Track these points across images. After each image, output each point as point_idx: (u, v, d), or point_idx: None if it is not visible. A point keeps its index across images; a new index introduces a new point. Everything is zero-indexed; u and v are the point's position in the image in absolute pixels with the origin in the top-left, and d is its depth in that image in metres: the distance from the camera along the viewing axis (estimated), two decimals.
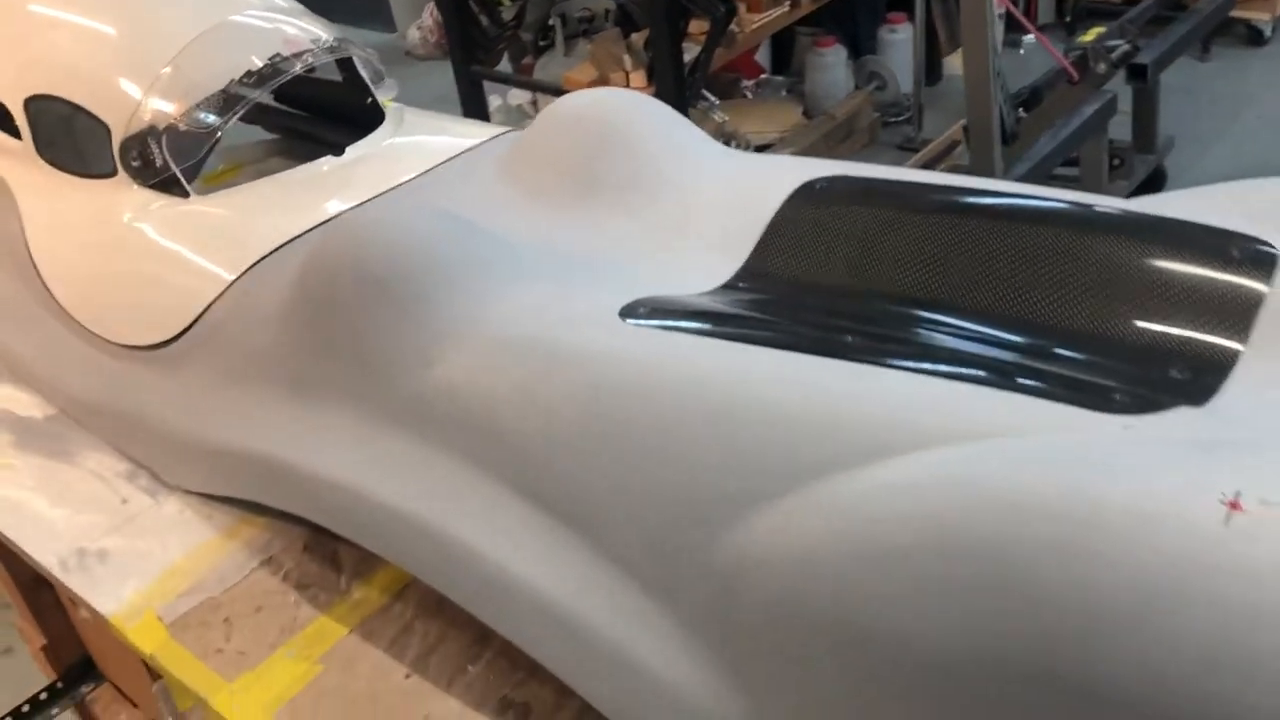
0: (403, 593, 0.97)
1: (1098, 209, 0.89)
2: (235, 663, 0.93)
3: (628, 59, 2.71)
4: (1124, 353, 0.77)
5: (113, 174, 1.25)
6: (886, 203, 0.96)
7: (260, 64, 1.23)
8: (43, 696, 1.69)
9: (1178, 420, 0.69)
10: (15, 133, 1.33)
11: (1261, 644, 0.54)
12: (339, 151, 1.28)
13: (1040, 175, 2.29)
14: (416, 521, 0.88)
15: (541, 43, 3.26)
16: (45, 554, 1.06)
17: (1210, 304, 0.77)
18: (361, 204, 1.16)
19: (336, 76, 1.46)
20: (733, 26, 2.85)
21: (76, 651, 1.67)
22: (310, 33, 1.31)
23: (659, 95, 2.67)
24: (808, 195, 1.01)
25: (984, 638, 0.60)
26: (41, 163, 1.32)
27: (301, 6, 1.40)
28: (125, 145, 1.23)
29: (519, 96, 3.41)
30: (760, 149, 3.15)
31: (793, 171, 1.04)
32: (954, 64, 3.40)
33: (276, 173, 1.27)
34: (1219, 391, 0.73)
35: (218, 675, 0.92)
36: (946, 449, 0.67)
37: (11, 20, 1.36)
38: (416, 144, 1.30)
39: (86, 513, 1.10)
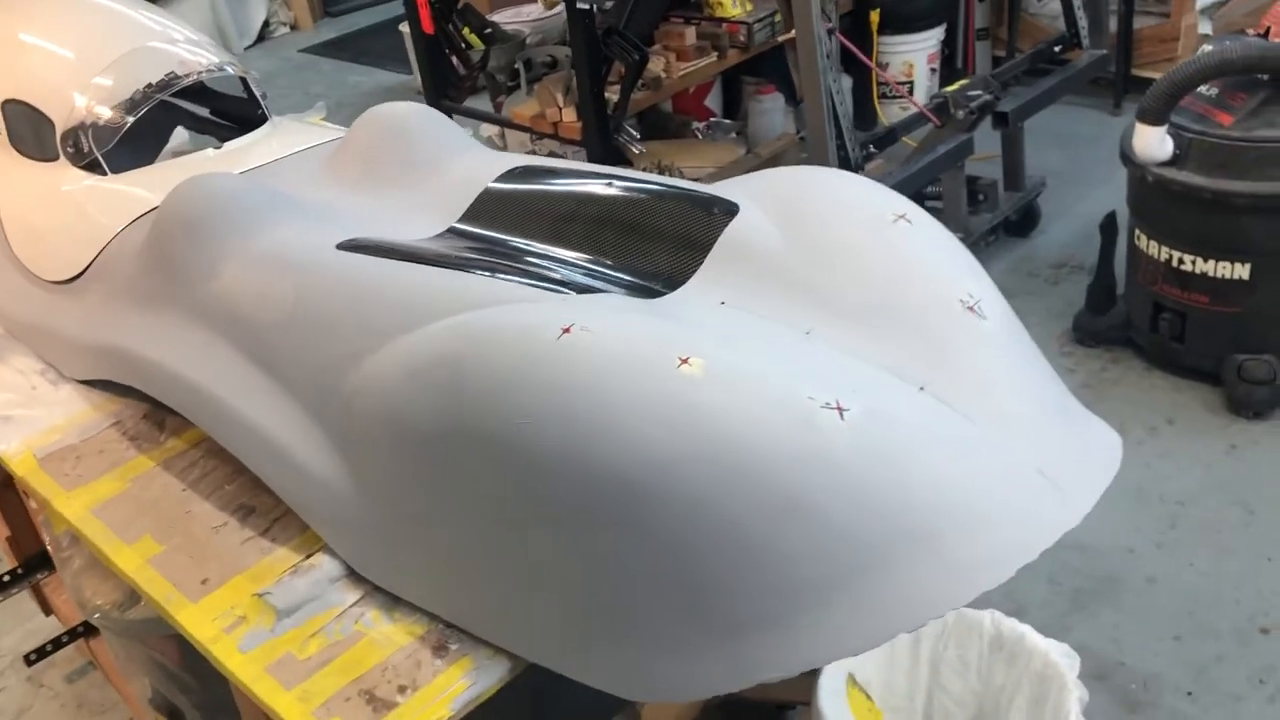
0: (199, 443, 1.38)
1: (649, 184, 1.28)
2: (74, 481, 1.35)
3: (560, 97, 3.14)
4: (632, 268, 1.16)
5: (56, 158, 1.69)
6: (545, 181, 1.37)
7: (159, 78, 1.67)
8: (5, 578, 2.11)
9: (630, 301, 1.08)
10: None
11: (588, 405, 0.91)
12: (218, 145, 1.71)
13: None
14: (199, 388, 1.29)
15: (510, 83, 3.70)
16: None
17: (689, 238, 1.16)
18: None
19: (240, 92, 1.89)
20: (660, 73, 3.27)
21: (35, 545, 2.09)
22: (204, 57, 1.74)
23: (584, 129, 3.11)
24: (506, 177, 1.41)
25: (449, 412, 0.99)
26: (11, 150, 1.77)
27: (207, 38, 1.83)
28: (64, 136, 1.68)
29: (490, 129, 3.87)
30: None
31: (508, 161, 1.45)
32: (892, 113, 3.78)
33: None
34: (676, 291, 1.11)
35: (60, 488, 1.34)
36: (473, 313, 1.06)
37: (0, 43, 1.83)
38: (277, 144, 1.72)
39: (4, 393, 1.53)
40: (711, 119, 3.97)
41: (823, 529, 0.87)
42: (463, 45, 3.54)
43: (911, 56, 3.89)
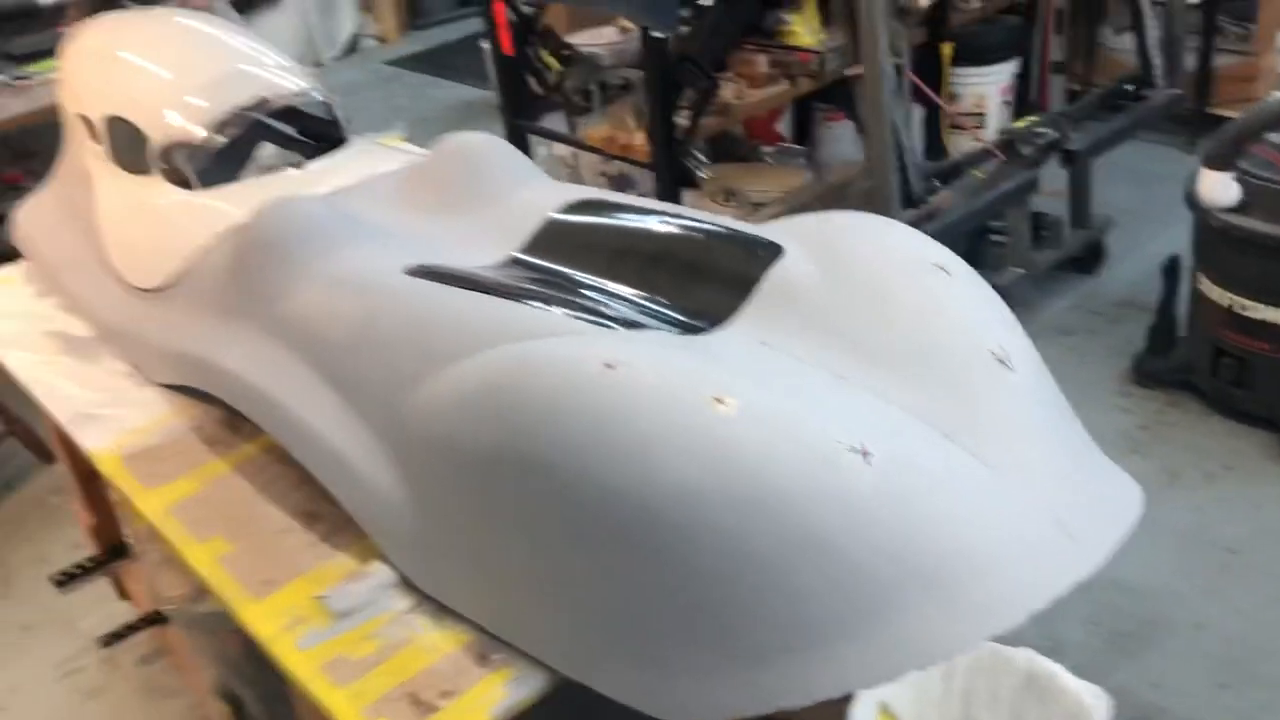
0: (270, 450, 1.47)
1: (701, 222, 1.34)
2: (155, 480, 1.44)
3: (631, 120, 3.22)
4: (679, 305, 1.22)
5: (151, 173, 1.80)
6: (604, 215, 1.43)
7: (249, 103, 1.77)
8: (88, 564, 2.24)
9: (673, 338, 1.14)
10: (96, 140, 1.90)
11: (626, 437, 0.97)
12: (300, 165, 1.81)
13: (945, 238, 2.68)
14: (271, 399, 1.38)
15: (585, 105, 3.79)
16: (62, 414, 1.61)
17: (734, 277, 1.22)
18: None
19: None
20: (732, 99, 3.33)
21: (115, 534, 2.21)
22: (292, 83, 1.84)
23: (653, 152, 3.18)
24: (568, 209, 1.48)
25: (497, 437, 1.05)
26: (111, 163, 1.88)
27: (295, 63, 1.93)
28: (159, 153, 1.79)
29: (563, 149, 3.95)
30: (759, 205, 3.60)
31: (568, 194, 1.52)
32: (962, 145, 3.79)
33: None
34: (718, 329, 1.17)
35: (141, 486, 1.43)
36: (523, 344, 1.13)
37: (105, 62, 1.95)
38: (356, 165, 1.81)
39: (94, 393, 1.64)
40: (781, 144, 4.02)
41: (840, 566, 0.92)
42: (540, 66, 3.64)
43: (984, 89, 3.89)
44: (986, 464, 0.99)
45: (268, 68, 1.88)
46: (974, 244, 3.14)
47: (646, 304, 1.24)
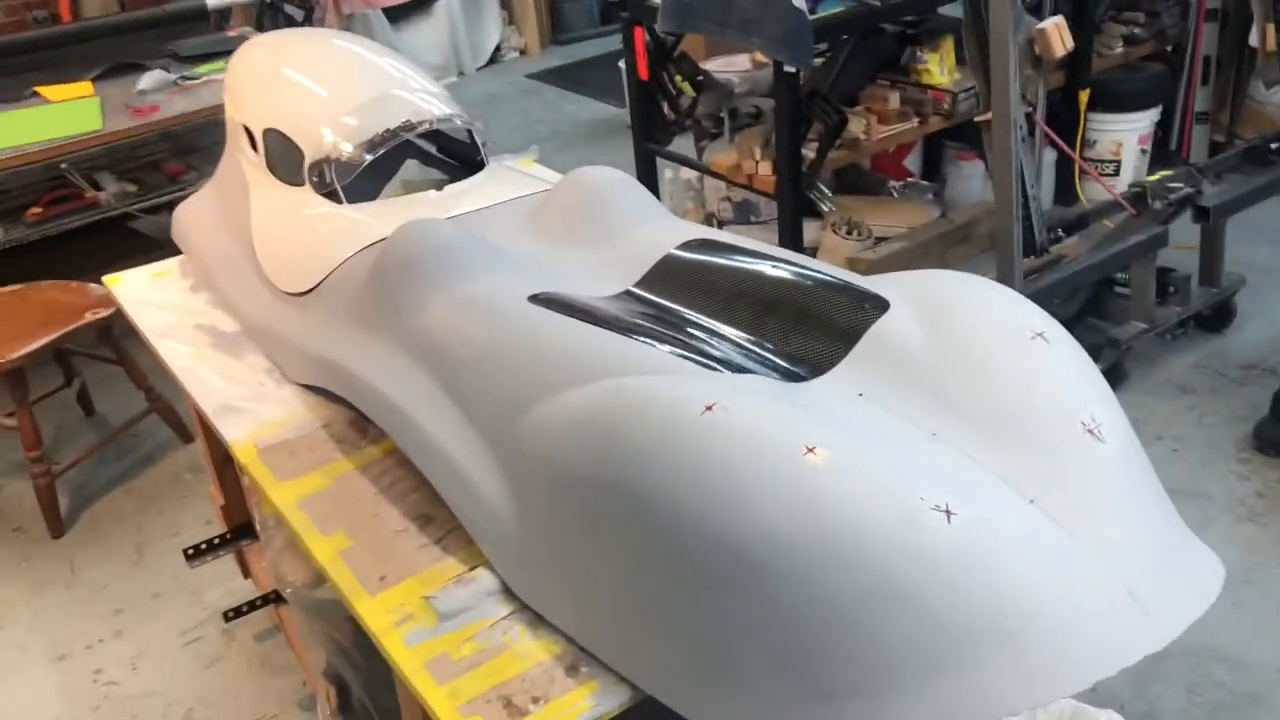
0: (393, 453, 1.57)
1: (813, 271, 1.39)
2: (286, 473, 1.56)
3: (758, 150, 3.28)
4: (783, 351, 1.28)
5: (303, 184, 1.93)
6: (719, 255, 1.50)
7: (396, 125, 1.89)
8: (216, 541, 2.39)
9: (772, 384, 1.20)
10: (255, 150, 2.05)
11: (720, 479, 1.04)
12: (440, 188, 1.92)
13: (1065, 287, 2.67)
14: (396, 406, 1.48)
15: (714, 131, 3.86)
16: (208, 405, 1.74)
17: (839, 328, 1.27)
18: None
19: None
20: (860, 134, 3.37)
21: (243, 515, 2.36)
22: (436, 108, 1.95)
23: (778, 183, 3.23)
24: (686, 246, 1.55)
25: (601, 465, 1.13)
26: (267, 172, 2.02)
27: (442, 89, 2.05)
28: (311, 167, 1.92)
29: (689, 173, 4.03)
30: (881, 240, 3.62)
31: (686, 232, 1.59)
32: (1094, 190, 3.75)
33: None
34: (819, 378, 1.22)
35: (273, 478, 1.55)
36: (632, 379, 1.20)
37: (268, 78, 2.10)
38: (491, 189, 1.91)
39: (237, 387, 1.77)
40: (909, 179, 4.02)
41: (914, 619, 0.96)
42: (673, 91, 3.72)
43: (1121, 136, 3.84)
44: (1066, 531, 1.02)
45: (416, 92, 1.99)
46: (1098, 294, 3.11)
47: (752, 347, 1.30)
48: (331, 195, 1.90)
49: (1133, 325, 2.95)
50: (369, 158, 1.88)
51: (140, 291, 2.15)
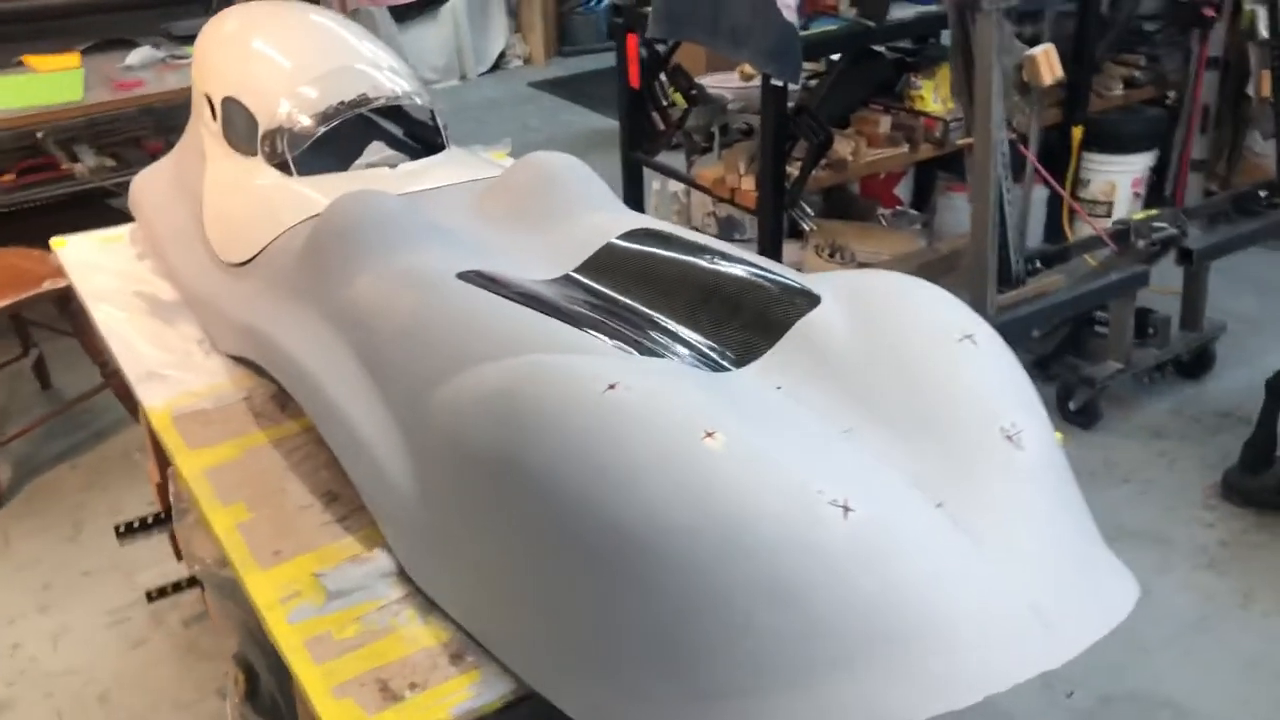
0: (310, 429, 1.51)
1: (749, 265, 1.34)
2: (198, 442, 1.50)
3: (742, 165, 3.24)
4: (710, 340, 1.22)
5: (255, 154, 1.88)
6: (660, 245, 1.45)
7: (351, 98, 1.84)
8: (150, 520, 2.33)
9: (686, 369, 1.14)
10: (215, 119, 2.00)
11: (612, 457, 0.98)
12: (394, 165, 1.87)
13: (1040, 320, 2.61)
14: (313, 379, 1.42)
15: (704, 145, 3.82)
16: (132, 370, 1.68)
17: (767, 321, 1.21)
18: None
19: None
20: (848, 155, 3.32)
21: None
22: (398, 85, 1.91)
23: (759, 199, 3.19)
24: (629, 236, 1.50)
25: (500, 441, 1.07)
26: (223, 141, 1.98)
27: (407, 68, 2.00)
28: (264, 136, 1.87)
29: (676, 186, 3.99)
30: (864, 265, 3.57)
31: (633, 221, 1.54)
32: (1084, 232, 3.70)
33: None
34: (741, 368, 1.17)
35: (185, 445, 1.49)
36: (541, 356, 1.14)
37: (232, 46, 2.05)
38: (446, 170, 1.86)
39: (165, 354, 1.72)
40: (898, 207, 3.98)
41: (802, 616, 0.90)
42: (665, 103, 3.68)
43: (1115, 178, 3.79)
44: (972, 537, 0.96)
45: (379, 68, 1.95)
46: (1076, 331, 3.06)
47: (680, 335, 1.25)
48: (283, 166, 1.85)
49: (1109, 365, 2.90)
50: (321, 129, 1.83)
51: (88, 255, 2.11)
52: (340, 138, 1.92)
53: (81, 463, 2.93)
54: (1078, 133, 3.54)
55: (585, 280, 1.44)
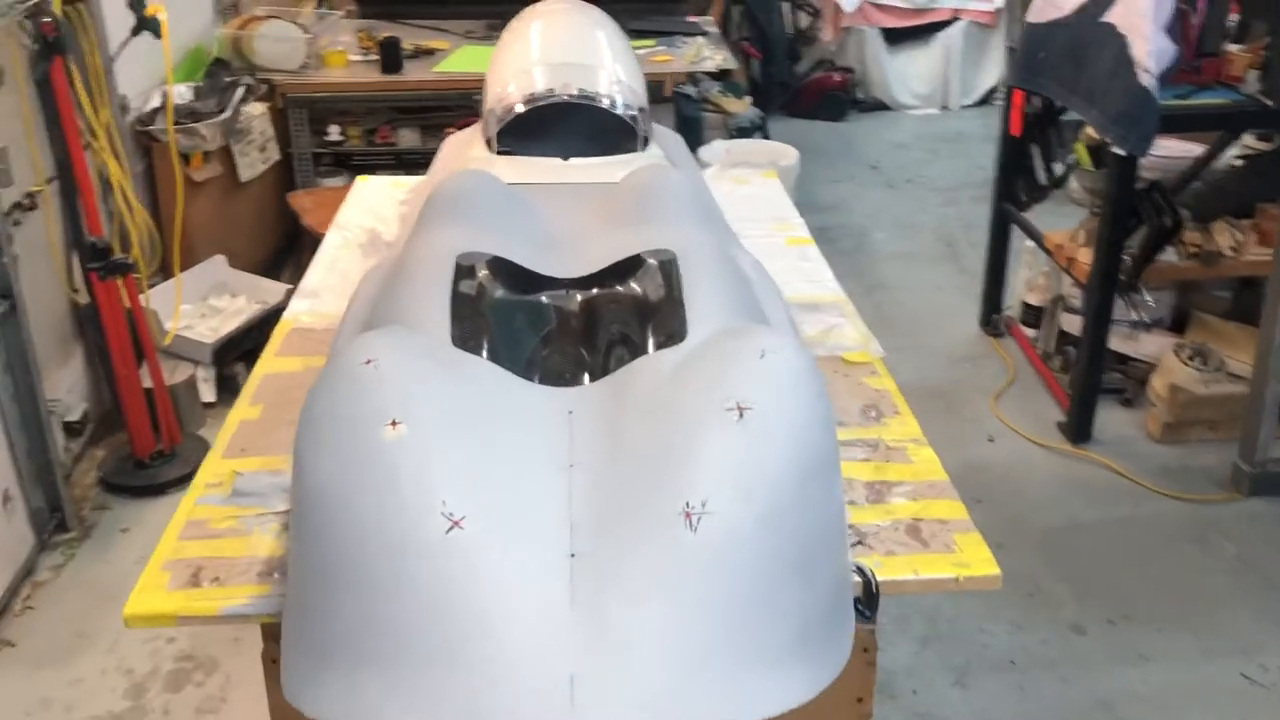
0: None
1: (706, 298, 1.30)
2: (284, 351, 1.76)
3: (1083, 235, 2.92)
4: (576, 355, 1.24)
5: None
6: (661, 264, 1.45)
7: (558, 88, 1.98)
8: None
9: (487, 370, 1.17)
10: None
11: (322, 439, 1.06)
12: (565, 158, 2.00)
13: None
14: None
15: (1096, 210, 3.47)
16: (304, 283, 2.00)
17: (622, 352, 1.20)
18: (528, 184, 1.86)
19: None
20: (1225, 248, 2.88)
21: None
22: (601, 88, 2.01)
23: (1091, 274, 2.85)
24: (651, 252, 1.51)
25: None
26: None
27: (638, 82, 2.09)
28: (486, 114, 2.09)
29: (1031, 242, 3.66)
30: (1232, 376, 3.06)
31: (679, 241, 1.54)
32: None
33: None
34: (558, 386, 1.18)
35: (274, 352, 1.76)
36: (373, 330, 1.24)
37: (506, 33, 2.30)
38: (610, 170, 1.93)
39: (334, 279, 2.01)
40: None
41: (382, 600, 0.94)
42: (1048, 155, 3.40)
43: None
44: (576, 595, 0.91)
45: (603, 70, 2.07)
46: None
47: (557, 349, 1.27)
48: (489, 143, 2.05)
49: None
50: (519, 109, 2.00)
51: (368, 194, 2.47)
52: (560, 126, 2.07)
53: None
54: None
55: (585, 286, 1.48)
